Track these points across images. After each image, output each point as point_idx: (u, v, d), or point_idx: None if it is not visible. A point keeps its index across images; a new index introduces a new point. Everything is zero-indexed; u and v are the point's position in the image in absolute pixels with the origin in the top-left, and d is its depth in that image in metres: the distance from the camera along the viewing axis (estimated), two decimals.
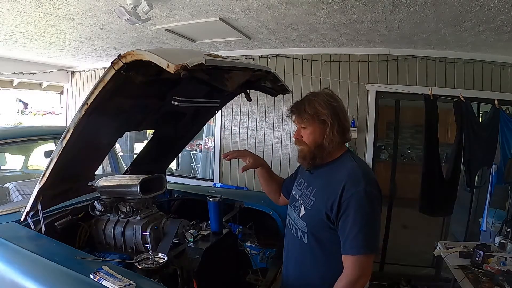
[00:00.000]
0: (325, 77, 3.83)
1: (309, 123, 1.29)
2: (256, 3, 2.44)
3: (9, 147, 3.01)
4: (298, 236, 1.31)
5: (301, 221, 1.30)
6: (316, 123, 1.28)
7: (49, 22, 2.97)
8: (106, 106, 1.37)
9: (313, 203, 1.28)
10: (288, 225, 1.43)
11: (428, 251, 3.28)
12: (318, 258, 1.26)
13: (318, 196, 1.28)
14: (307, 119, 1.28)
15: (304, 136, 1.32)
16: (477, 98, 3.31)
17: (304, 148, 1.32)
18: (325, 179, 1.30)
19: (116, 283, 1.07)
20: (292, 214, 1.39)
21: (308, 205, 1.29)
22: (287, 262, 1.42)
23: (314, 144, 1.30)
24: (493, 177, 3.03)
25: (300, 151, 1.34)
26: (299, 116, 1.31)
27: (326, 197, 1.23)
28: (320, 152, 1.30)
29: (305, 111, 1.28)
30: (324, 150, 1.30)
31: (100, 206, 1.73)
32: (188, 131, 2.31)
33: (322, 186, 1.29)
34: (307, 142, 1.31)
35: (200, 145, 5.49)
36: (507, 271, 2.10)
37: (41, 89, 5.85)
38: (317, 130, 1.29)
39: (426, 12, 2.43)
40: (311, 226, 1.26)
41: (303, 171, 1.46)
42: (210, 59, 1.15)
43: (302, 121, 1.30)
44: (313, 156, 1.31)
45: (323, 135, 1.28)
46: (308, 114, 1.28)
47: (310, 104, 1.29)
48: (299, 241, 1.31)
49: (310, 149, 1.30)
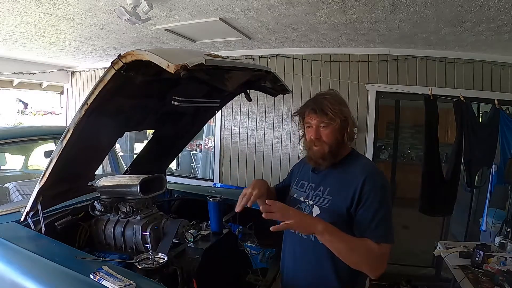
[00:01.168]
0: (325, 77, 3.83)
1: (333, 120, 1.28)
2: (256, 3, 2.44)
3: (9, 147, 3.01)
4: (311, 237, 1.29)
5: None
6: (340, 120, 1.28)
7: (49, 22, 2.97)
8: (106, 106, 1.37)
9: (330, 202, 1.28)
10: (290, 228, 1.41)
11: (428, 251, 3.28)
12: (330, 254, 1.24)
13: (334, 193, 1.28)
14: (333, 116, 1.27)
15: (323, 135, 1.30)
16: (477, 98, 3.30)
17: (323, 147, 1.30)
18: (338, 176, 1.31)
19: (116, 283, 1.07)
20: None
21: (324, 204, 1.29)
22: (294, 264, 1.39)
23: (335, 142, 1.30)
24: (493, 177, 3.03)
25: (316, 151, 1.32)
26: (323, 114, 1.28)
27: (345, 193, 1.25)
28: (339, 150, 1.32)
29: (329, 109, 1.27)
30: (342, 147, 1.32)
31: (100, 206, 1.73)
32: (188, 131, 2.31)
33: (337, 184, 1.29)
34: (327, 141, 1.29)
35: (200, 145, 5.49)
36: (507, 271, 2.10)
37: (41, 89, 5.85)
38: (339, 127, 1.29)
39: (426, 12, 2.43)
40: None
41: (302, 173, 1.46)
42: (210, 59, 1.15)
43: (326, 119, 1.28)
44: (334, 155, 1.31)
45: (343, 133, 1.30)
46: (333, 111, 1.27)
47: (331, 102, 1.28)
48: (313, 243, 1.27)
49: (331, 148, 1.30)
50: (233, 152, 4.38)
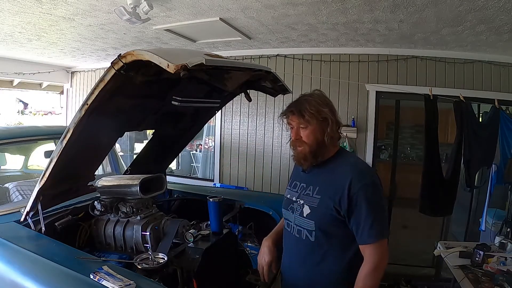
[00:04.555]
0: (325, 77, 3.83)
1: (310, 122, 1.29)
2: (256, 3, 2.44)
3: (9, 147, 3.01)
4: (302, 236, 1.32)
5: (307, 220, 1.31)
6: (317, 121, 1.30)
7: (49, 22, 2.97)
8: (106, 106, 1.37)
9: (319, 200, 1.29)
10: (287, 228, 1.43)
11: (428, 251, 3.28)
12: (327, 253, 1.28)
13: (323, 192, 1.30)
14: (309, 118, 1.29)
15: (304, 136, 1.32)
16: (477, 98, 3.30)
17: (304, 148, 1.32)
18: (327, 175, 1.32)
19: (116, 283, 1.07)
20: (291, 217, 1.39)
21: (313, 203, 1.30)
22: (290, 264, 1.41)
23: (315, 142, 1.31)
24: (493, 177, 3.03)
25: (299, 152, 1.34)
26: (300, 116, 1.30)
27: (333, 192, 1.26)
28: (321, 150, 1.33)
29: (307, 111, 1.29)
30: (324, 147, 1.32)
31: (100, 206, 1.73)
32: (188, 131, 2.31)
33: (325, 183, 1.31)
34: (308, 141, 1.31)
35: (200, 145, 5.49)
36: (507, 271, 2.10)
37: (41, 89, 5.85)
38: (318, 128, 1.30)
39: (426, 12, 2.43)
40: (320, 222, 1.28)
41: (295, 174, 1.48)
42: (210, 59, 1.15)
43: (303, 120, 1.30)
44: (314, 155, 1.32)
45: (324, 133, 1.30)
46: (310, 112, 1.28)
47: (310, 103, 1.30)
48: (304, 241, 1.32)
49: (311, 148, 1.31)
50: (233, 152, 4.38)
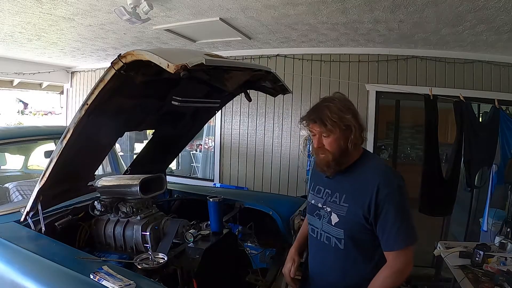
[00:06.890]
0: (325, 77, 3.83)
1: (332, 131, 1.23)
2: (256, 3, 2.44)
3: (9, 147, 3.01)
4: (331, 243, 1.29)
5: (336, 229, 1.28)
6: (340, 129, 1.24)
7: (49, 22, 2.97)
8: (106, 106, 1.37)
9: (347, 209, 1.26)
10: (312, 234, 1.40)
11: (428, 251, 3.27)
12: (357, 259, 1.27)
13: (350, 201, 1.26)
14: (332, 126, 1.22)
15: (326, 143, 1.26)
16: (477, 98, 3.30)
17: (328, 155, 1.27)
18: (352, 182, 1.28)
19: (116, 283, 1.07)
20: (318, 223, 1.36)
21: (341, 211, 1.27)
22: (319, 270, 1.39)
23: (338, 150, 1.25)
24: (493, 177, 3.03)
25: (322, 159, 1.29)
26: (322, 125, 1.23)
27: (361, 200, 1.23)
28: (345, 158, 1.28)
29: (328, 119, 1.22)
30: (348, 154, 1.28)
31: (100, 206, 1.73)
32: (188, 131, 2.31)
33: (352, 190, 1.27)
34: (330, 149, 1.26)
35: (200, 145, 5.49)
36: (507, 271, 2.10)
37: (41, 89, 5.86)
38: (341, 136, 1.24)
39: (426, 12, 2.43)
40: (350, 231, 1.25)
41: (317, 178, 1.43)
42: (210, 59, 1.15)
43: (325, 129, 1.24)
44: (337, 162, 1.27)
45: (347, 140, 1.25)
46: (332, 121, 1.22)
47: (331, 110, 1.23)
48: (334, 248, 1.29)
49: (334, 156, 1.26)
50: (233, 152, 4.38)
